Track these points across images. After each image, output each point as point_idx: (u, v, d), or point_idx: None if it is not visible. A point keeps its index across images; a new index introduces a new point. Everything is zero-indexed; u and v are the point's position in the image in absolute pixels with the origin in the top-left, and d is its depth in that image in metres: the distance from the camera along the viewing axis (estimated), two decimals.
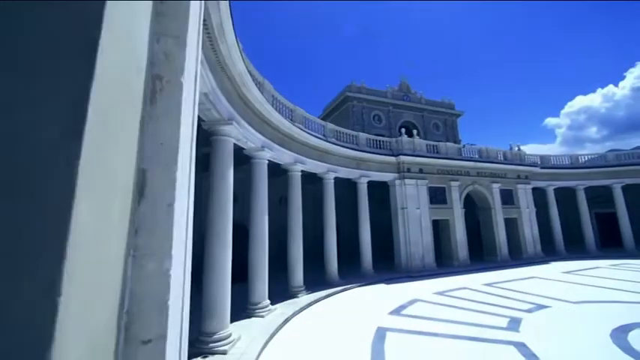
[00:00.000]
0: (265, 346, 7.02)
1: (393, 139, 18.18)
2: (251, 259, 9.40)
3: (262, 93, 9.98)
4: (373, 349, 6.75)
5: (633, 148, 26.80)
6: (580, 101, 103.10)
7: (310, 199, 18.93)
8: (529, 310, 9.27)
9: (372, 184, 17.85)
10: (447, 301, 10.66)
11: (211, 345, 6.39)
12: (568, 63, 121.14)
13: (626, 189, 22.47)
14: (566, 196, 24.15)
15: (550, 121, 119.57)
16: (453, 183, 18.78)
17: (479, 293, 11.67)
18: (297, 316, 9.45)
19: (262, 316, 8.73)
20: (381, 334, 7.65)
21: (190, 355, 6.21)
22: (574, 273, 15.27)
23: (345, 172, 15.39)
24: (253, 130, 9.51)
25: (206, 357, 6.15)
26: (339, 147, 14.90)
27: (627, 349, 6.31)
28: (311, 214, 18.15)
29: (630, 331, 7.30)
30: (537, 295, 10.99)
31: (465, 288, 12.56)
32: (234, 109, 8.08)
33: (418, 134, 25.33)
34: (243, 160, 10.55)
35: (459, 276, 15.24)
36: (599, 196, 23.67)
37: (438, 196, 18.32)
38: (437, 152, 18.97)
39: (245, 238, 10.01)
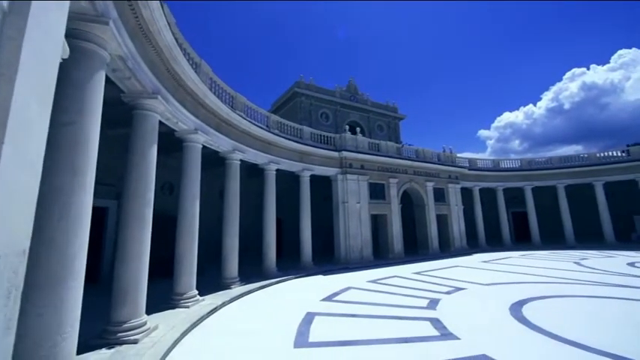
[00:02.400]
0: (185, 335, 6.60)
1: (337, 135, 18.59)
2: (178, 246, 8.81)
3: (199, 74, 9.47)
4: (298, 331, 6.75)
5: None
6: (507, 117, 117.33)
7: (254, 194, 18.48)
8: (448, 292, 10.11)
9: (317, 181, 18.04)
10: (377, 288, 11.15)
11: (120, 335, 5.80)
12: (498, 81, 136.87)
13: (536, 193, 25.89)
14: (488, 197, 27.08)
15: (482, 133, 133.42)
16: (391, 180, 19.81)
17: (408, 280, 12.43)
18: (227, 306, 9.09)
19: (188, 307, 8.23)
20: (309, 319, 7.68)
21: (94, 347, 5.59)
22: (490, 262, 17.14)
23: (287, 165, 15.29)
24: (185, 111, 8.94)
25: (112, 347, 5.56)
26: (282, 139, 14.76)
27: (520, 318, 7.26)
28: (255, 209, 17.73)
29: (525, 304, 8.39)
30: (457, 280, 12.06)
31: (395, 276, 13.28)
32: (162, 83, 7.51)
33: (363, 134, 26.34)
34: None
35: (393, 267, 16.07)
36: (515, 197, 27.03)
37: (377, 192, 19.17)
38: (378, 150, 19.84)
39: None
